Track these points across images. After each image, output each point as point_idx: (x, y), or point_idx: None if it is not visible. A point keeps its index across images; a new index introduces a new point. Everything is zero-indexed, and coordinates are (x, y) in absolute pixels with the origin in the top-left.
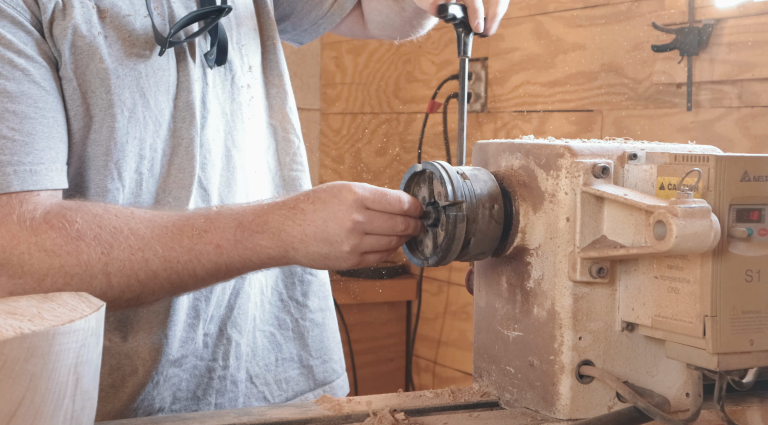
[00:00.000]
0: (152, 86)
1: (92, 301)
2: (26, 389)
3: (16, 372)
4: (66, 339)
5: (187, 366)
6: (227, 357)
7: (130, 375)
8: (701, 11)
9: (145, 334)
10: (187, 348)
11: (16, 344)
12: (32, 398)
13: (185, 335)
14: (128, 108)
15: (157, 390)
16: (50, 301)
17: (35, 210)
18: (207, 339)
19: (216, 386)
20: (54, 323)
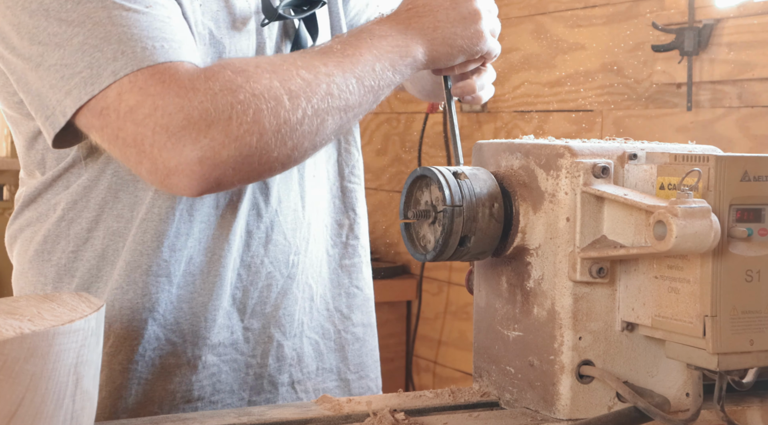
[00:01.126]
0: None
1: (92, 301)
2: (26, 389)
3: (16, 372)
4: (66, 339)
5: (227, 357)
6: (266, 355)
7: (167, 356)
8: (701, 11)
9: (184, 315)
10: (224, 335)
11: (16, 344)
12: (32, 398)
13: (223, 321)
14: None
15: (195, 377)
16: (50, 301)
17: (192, 70)
18: (248, 333)
19: (251, 383)
20: (54, 323)
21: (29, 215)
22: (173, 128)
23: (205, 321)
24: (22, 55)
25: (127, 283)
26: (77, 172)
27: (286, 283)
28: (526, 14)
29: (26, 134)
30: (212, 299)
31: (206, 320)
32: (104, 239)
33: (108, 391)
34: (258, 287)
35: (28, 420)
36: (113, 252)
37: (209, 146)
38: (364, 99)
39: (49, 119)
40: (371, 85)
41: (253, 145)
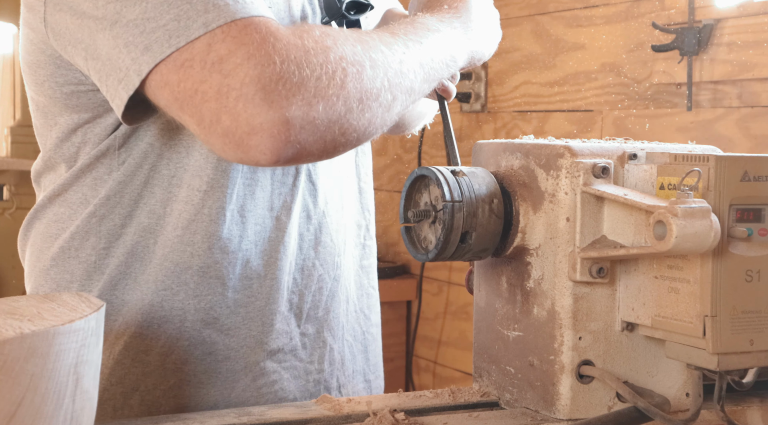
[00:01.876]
0: None
1: (92, 301)
2: (26, 389)
3: (16, 372)
4: (66, 339)
5: (287, 364)
6: (322, 360)
7: (223, 360)
8: (701, 11)
9: (240, 319)
10: (283, 341)
11: (16, 344)
12: (32, 398)
13: (282, 327)
14: None
15: (255, 384)
16: (50, 301)
17: (281, 26)
18: (305, 339)
19: (311, 389)
20: (54, 323)
21: (55, 210)
22: (265, 80)
23: (263, 325)
24: (94, 16)
25: (177, 284)
26: (109, 164)
27: (334, 285)
28: (526, 14)
29: (64, 127)
30: (269, 303)
31: (263, 324)
32: (135, 235)
33: (162, 390)
34: (312, 290)
35: (28, 420)
36: (143, 249)
37: (300, 105)
38: (423, 86)
39: (122, 82)
40: (430, 75)
41: (340, 108)
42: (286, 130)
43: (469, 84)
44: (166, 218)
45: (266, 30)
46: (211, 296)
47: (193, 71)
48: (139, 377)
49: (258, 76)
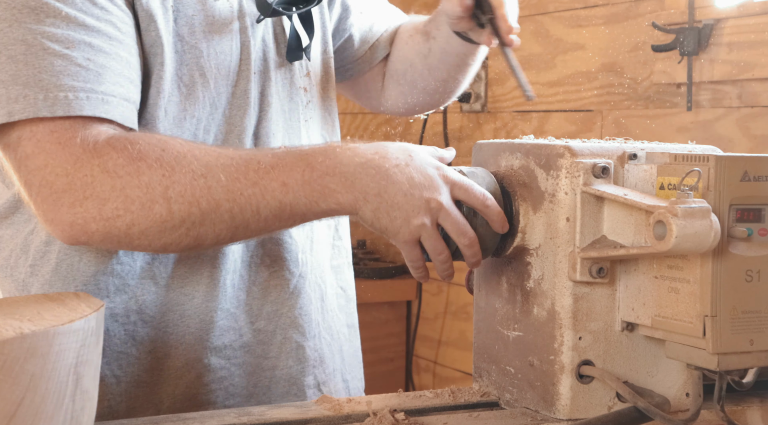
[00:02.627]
0: (213, 68)
1: (92, 301)
2: (26, 389)
3: (16, 372)
4: (66, 338)
5: (237, 360)
6: (288, 357)
7: (163, 358)
8: (701, 11)
9: (177, 317)
10: (230, 338)
11: (16, 344)
12: (32, 398)
13: (227, 324)
14: (186, 85)
15: (200, 381)
16: (50, 301)
17: (99, 135)
18: (261, 335)
19: (272, 386)
20: (54, 323)
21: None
22: (56, 188)
23: (201, 322)
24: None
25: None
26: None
27: (299, 282)
28: (526, 14)
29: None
30: (208, 300)
31: (202, 322)
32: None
33: (113, 394)
34: (263, 287)
35: (28, 420)
36: (69, 265)
37: (81, 216)
38: (262, 226)
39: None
40: (270, 216)
41: (121, 230)
42: (70, 230)
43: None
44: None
45: (68, 140)
46: (146, 296)
47: (10, 156)
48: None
49: (51, 183)
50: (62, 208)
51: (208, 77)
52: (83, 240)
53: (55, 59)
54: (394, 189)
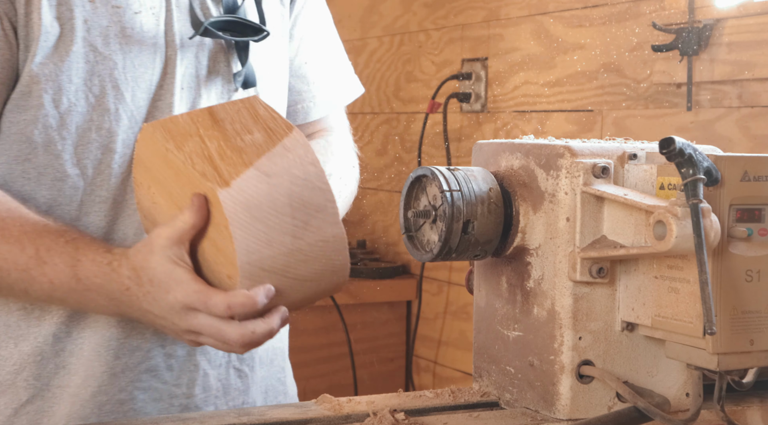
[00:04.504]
0: (129, 81)
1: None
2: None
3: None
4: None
5: (142, 384)
6: (192, 385)
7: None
8: (701, 11)
9: (91, 332)
10: (135, 359)
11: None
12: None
13: (135, 343)
14: (95, 95)
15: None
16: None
17: None
18: (171, 360)
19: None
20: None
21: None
22: None
23: (107, 340)
24: None
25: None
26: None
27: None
28: (526, 14)
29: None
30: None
31: (107, 339)
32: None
33: (14, 409)
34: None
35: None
36: None
37: None
38: (36, 304)
39: None
40: (41, 300)
41: None
42: None
43: (469, 84)
44: None
45: None
46: (64, 309)
47: None
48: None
49: None
50: None
51: (122, 90)
52: None
53: None
54: (149, 317)
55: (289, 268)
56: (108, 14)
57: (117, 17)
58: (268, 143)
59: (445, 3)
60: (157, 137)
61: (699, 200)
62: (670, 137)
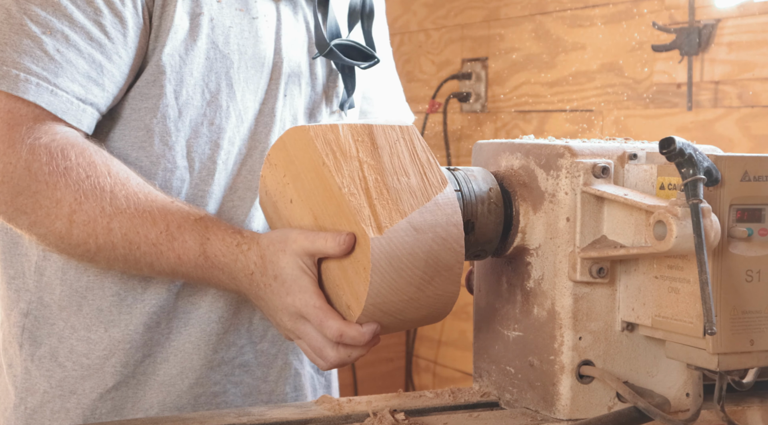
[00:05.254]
0: (241, 81)
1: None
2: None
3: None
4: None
5: (234, 378)
6: (285, 384)
7: (161, 363)
8: (701, 11)
9: (186, 326)
10: (230, 354)
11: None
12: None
13: (230, 339)
14: (211, 91)
15: (192, 392)
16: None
17: (45, 135)
18: (262, 357)
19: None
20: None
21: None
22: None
23: (204, 333)
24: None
25: (125, 290)
26: None
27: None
28: (526, 14)
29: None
30: (211, 311)
31: (205, 333)
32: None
33: (99, 393)
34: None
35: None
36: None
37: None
38: (156, 276)
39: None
40: (164, 273)
41: (24, 225)
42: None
43: (469, 84)
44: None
45: (8, 121)
46: (155, 300)
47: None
48: (77, 380)
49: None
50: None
51: (235, 88)
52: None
53: (26, 39)
54: (262, 304)
55: (403, 312)
56: (231, 15)
57: (238, 19)
58: (423, 194)
59: (445, 3)
60: (316, 145)
61: (699, 200)
62: (670, 137)
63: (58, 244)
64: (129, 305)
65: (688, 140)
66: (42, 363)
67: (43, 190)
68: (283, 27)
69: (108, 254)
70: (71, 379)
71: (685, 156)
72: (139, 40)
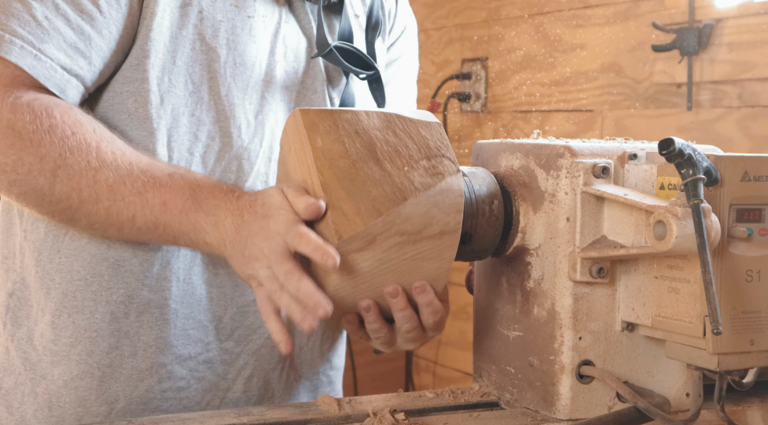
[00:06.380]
0: (227, 76)
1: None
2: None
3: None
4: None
5: (198, 374)
6: (240, 383)
7: (129, 356)
8: (701, 11)
9: (154, 320)
10: (196, 350)
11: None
12: None
13: (196, 335)
14: (193, 82)
15: (159, 386)
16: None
17: (25, 94)
18: (226, 355)
19: (221, 407)
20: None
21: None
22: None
23: (174, 329)
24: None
25: (92, 275)
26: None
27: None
28: (526, 14)
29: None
30: (184, 307)
31: (175, 328)
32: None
33: (65, 380)
34: (238, 305)
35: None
36: (58, 237)
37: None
38: (135, 234)
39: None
40: (144, 227)
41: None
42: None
43: (469, 84)
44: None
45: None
46: (124, 290)
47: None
48: (46, 365)
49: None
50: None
51: (219, 83)
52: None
53: (16, 2)
54: (239, 238)
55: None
56: (224, 10)
57: (231, 15)
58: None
59: (445, 3)
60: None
61: (700, 200)
62: (670, 138)
63: (38, 202)
64: (94, 292)
65: (687, 141)
66: (20, 345)
67: (27, 147)
68: (283, 30)
69: (90, 209)
70: (43, 364)
71: (685, 156)
72: (130, 18)
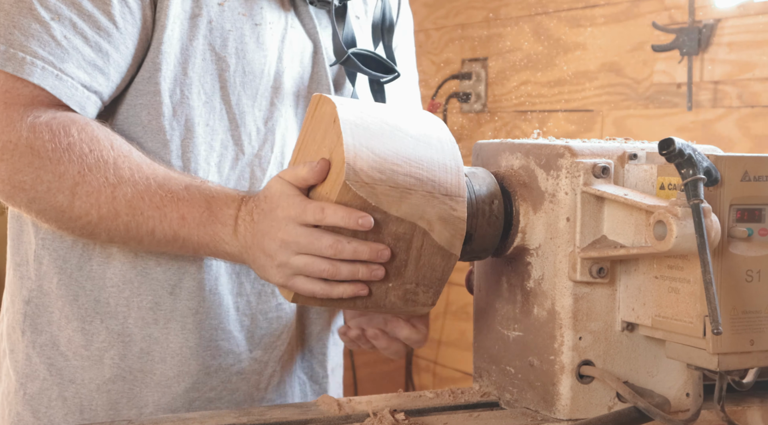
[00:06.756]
0: (237, 85)
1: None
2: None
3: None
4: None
5: (231, 386)
6: (273, 391)
7: (158, 362)
8: (701, 11)
9: (179, 327)
10: (228, 361)
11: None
12: None
13: (226, 346)
14: (206, 92)
15: (188, 396)
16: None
17: (44, 114)
18: (256, 365)
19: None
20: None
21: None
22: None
23: (201, 339)
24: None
25: (123, 282)
26: None
27: (291, 318)
28: (526, 14)
29: None
30: (211, 318)
31: (202, 338)
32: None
33: (97, 384)
34: (268, 318)
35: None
36: (93, 244)
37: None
38: (155, 246)
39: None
40: (164, 240)
41: (23, 201)
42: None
43: (469, 84)
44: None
45: (11, 99)
46: (151, 297)
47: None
48: (76, 369)
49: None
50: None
51: (229, 92)
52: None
53: (35, 23)
54: (254, 241)
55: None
56: (233, 19)
57: (240, 24)
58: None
59: (445, 3)
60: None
61: (700, 200)
62: (670, 138)
63: (57, 218)
64: (126, 298)
65: (687, 141)
66: (43, 351)
67: (46, 165)
68: (289, 35)
69: (109, 224)
70: (71, 368)
71: (685, 157)
72: (144, 31)
